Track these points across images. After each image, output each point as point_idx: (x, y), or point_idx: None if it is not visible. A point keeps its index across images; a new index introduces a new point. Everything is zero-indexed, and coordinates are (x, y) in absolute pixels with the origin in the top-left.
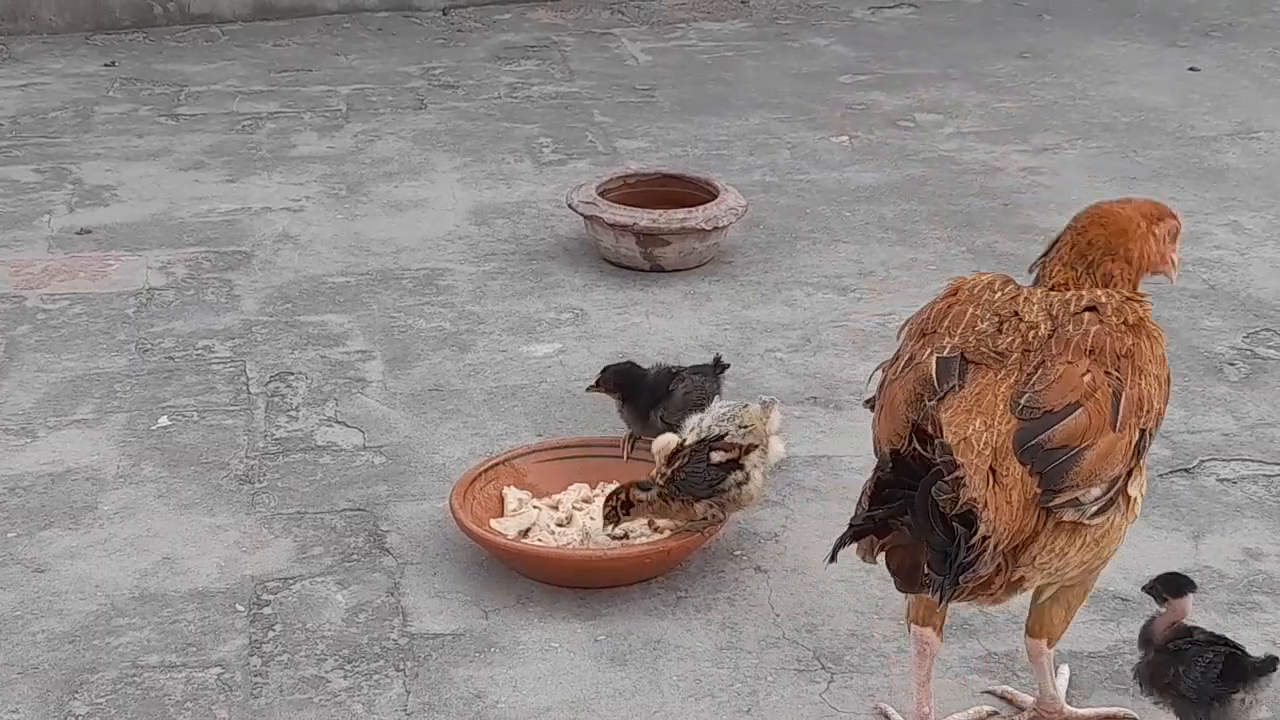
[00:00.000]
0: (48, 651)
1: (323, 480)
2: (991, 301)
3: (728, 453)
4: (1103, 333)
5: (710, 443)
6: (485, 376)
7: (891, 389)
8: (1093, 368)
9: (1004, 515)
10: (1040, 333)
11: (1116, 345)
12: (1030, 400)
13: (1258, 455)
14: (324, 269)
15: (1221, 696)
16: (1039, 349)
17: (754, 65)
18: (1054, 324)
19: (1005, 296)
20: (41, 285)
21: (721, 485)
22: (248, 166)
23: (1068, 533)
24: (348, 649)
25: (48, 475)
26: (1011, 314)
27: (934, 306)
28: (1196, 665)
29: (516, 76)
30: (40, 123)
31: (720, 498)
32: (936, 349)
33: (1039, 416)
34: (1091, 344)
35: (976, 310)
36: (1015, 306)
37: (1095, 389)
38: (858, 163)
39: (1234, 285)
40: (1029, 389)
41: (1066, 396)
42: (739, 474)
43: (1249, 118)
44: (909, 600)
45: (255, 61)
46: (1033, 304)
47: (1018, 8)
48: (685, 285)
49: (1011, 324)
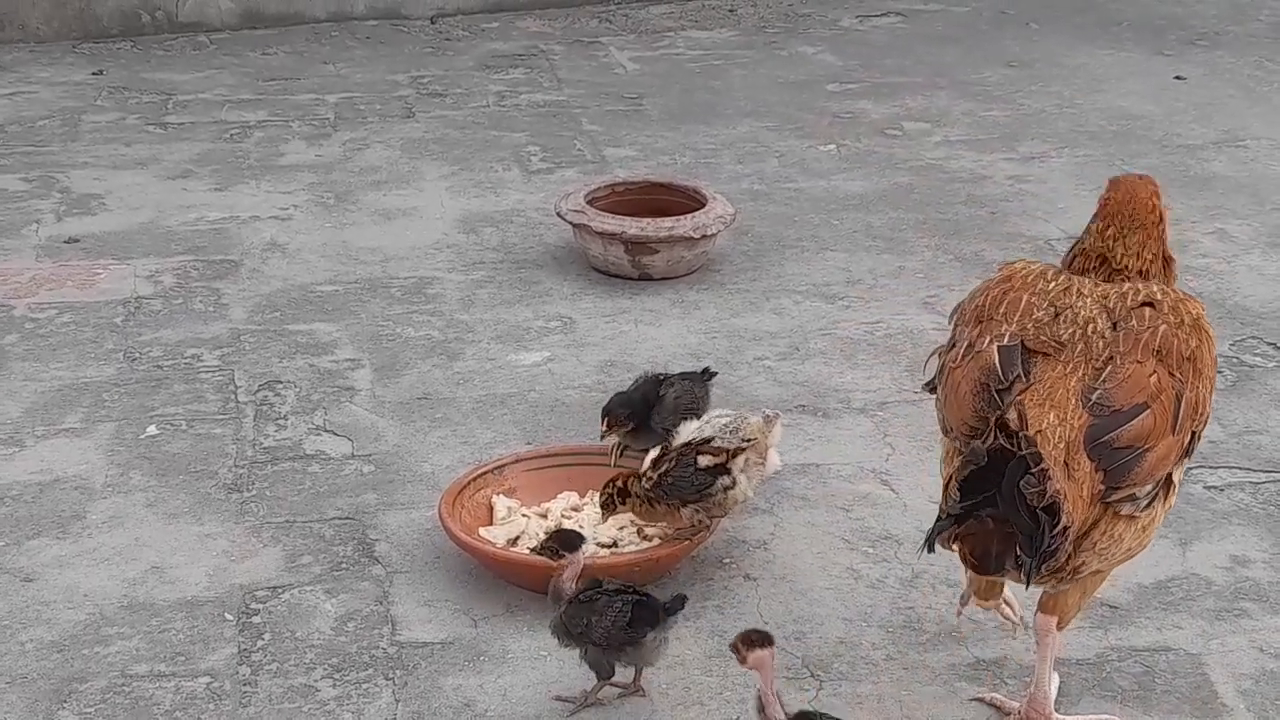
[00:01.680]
0: (36, 661)
1: (311, 489)
2: (1046, 290)
3: (715, 457)
4: (1170, 333)
5: (697, 446)
6: (474, 385)
7: (954, 376)
8: (1158, 369)
9: (1078, 507)
10: (1099, 327)
11: (1182, 347)
12: (1101, 398)
13: (1245, 463)
14: (312, 277)
15: (634, 640)
16: (1107, 344)
17: (742, 74)
18: (1112, 318)
19: (1059, 286)
20: (29, 294)
21: (709, 490)
22: (236, 175)
23: (1124, 522)
24: (337, 658)
25: (36, 484)
26: (1067, 306)
27: (988, 292)
28: (608, 614)
29: (505, 85)
30: (28, 131)
31: (707, 502)
32: (995, 336)
33: (1108, 414)
34: (1160, 344)
35: (1032, 298)
36: (1069, 299)
37: (1160, 391)
38: (846, 171)
39: (1220, 293)
40: (1100, 385)
41: (1135, 396)
42: (726, 479)
43: (1235, 126)
44: (968, 582)
45: (243, 70)
46: (1086, 296)
47: (1005, 17)
48: (673, 293)
49: (1068, 315)
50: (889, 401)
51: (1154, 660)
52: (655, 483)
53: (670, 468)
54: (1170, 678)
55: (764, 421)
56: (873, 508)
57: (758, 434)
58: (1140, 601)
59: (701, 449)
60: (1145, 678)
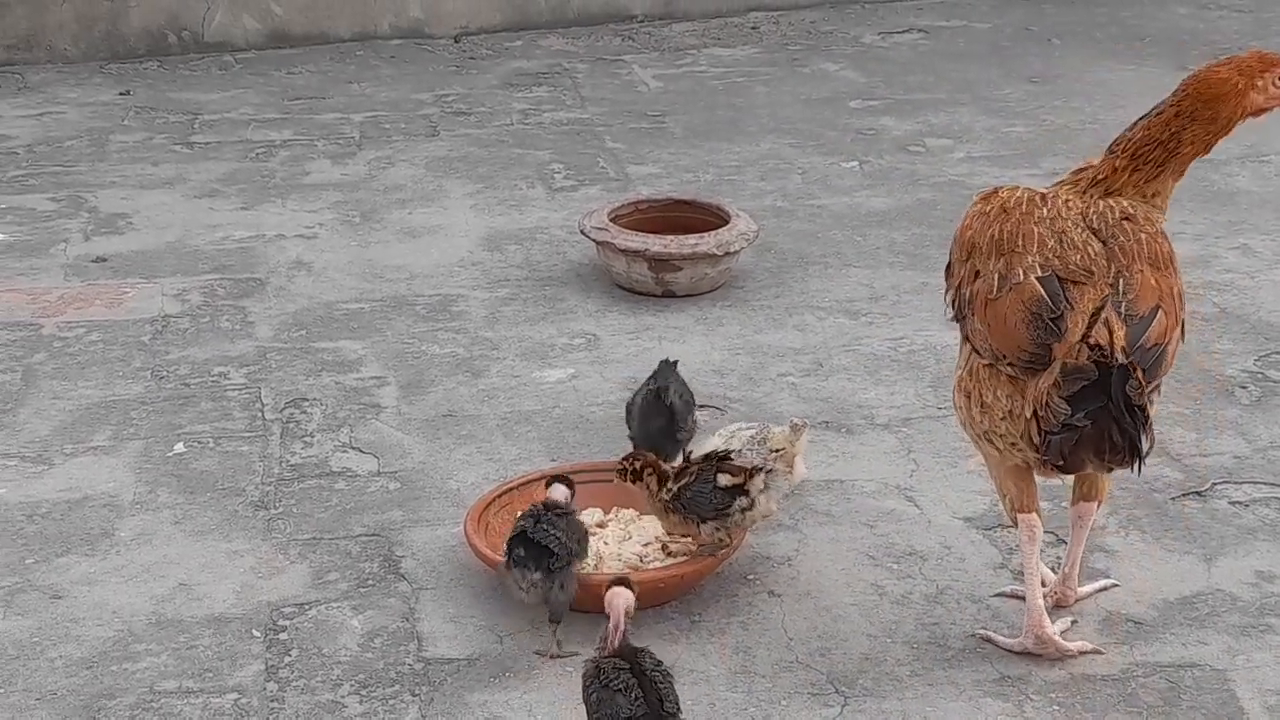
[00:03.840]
0: (65, 678)
1: (338, 506)
2: (1044, 218)
3: (734, 477)
4: (1150, 240)
5: (718, 461)
6: (499, 402)
7: (998, 307)
8: (1154, 273)
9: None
10: (1095, 248)
11: (1160, 250)
12: (1127, 309)
13: (1270, 478)
14: (338, 295)
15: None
16: (1110, 261)
17: (764, 91)
18: (1099, 236)
19: (1049, 213)
20: (58, 313)
21: (726, 509)
22: (262, 194)
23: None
24: (363, 674)
25: (65, 502)
26: (1061, 230)
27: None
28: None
29: (528, 103)
30: (56, 151)
31: (725, 521)
32: (1028, 269)
33: (1135, 322)
34: (1148, 252)
35: (1040, 230)
36: (1063, 225)
37: (1163, 293)
38: (868, 187)
39: (1244, 309)
40: (1124, 299)
41: (1149, 301)
42: (744, 500)
43: (1259, 141)
44: (1009, 496)
45: (269, 89)
46: (1069, 220)
47: (1027, 33)
48: (697, 310)
49: (1068, 241)
50: (913, 417)
51: (1179, 676)
52: (675, 495)
53: (690, 482)
54: (1196, 694)
55: (791, 430)
56: (897, 523)
57: (784, 444)
58: (1165, 617)
59: (722, 466)
60: (1171, 694)
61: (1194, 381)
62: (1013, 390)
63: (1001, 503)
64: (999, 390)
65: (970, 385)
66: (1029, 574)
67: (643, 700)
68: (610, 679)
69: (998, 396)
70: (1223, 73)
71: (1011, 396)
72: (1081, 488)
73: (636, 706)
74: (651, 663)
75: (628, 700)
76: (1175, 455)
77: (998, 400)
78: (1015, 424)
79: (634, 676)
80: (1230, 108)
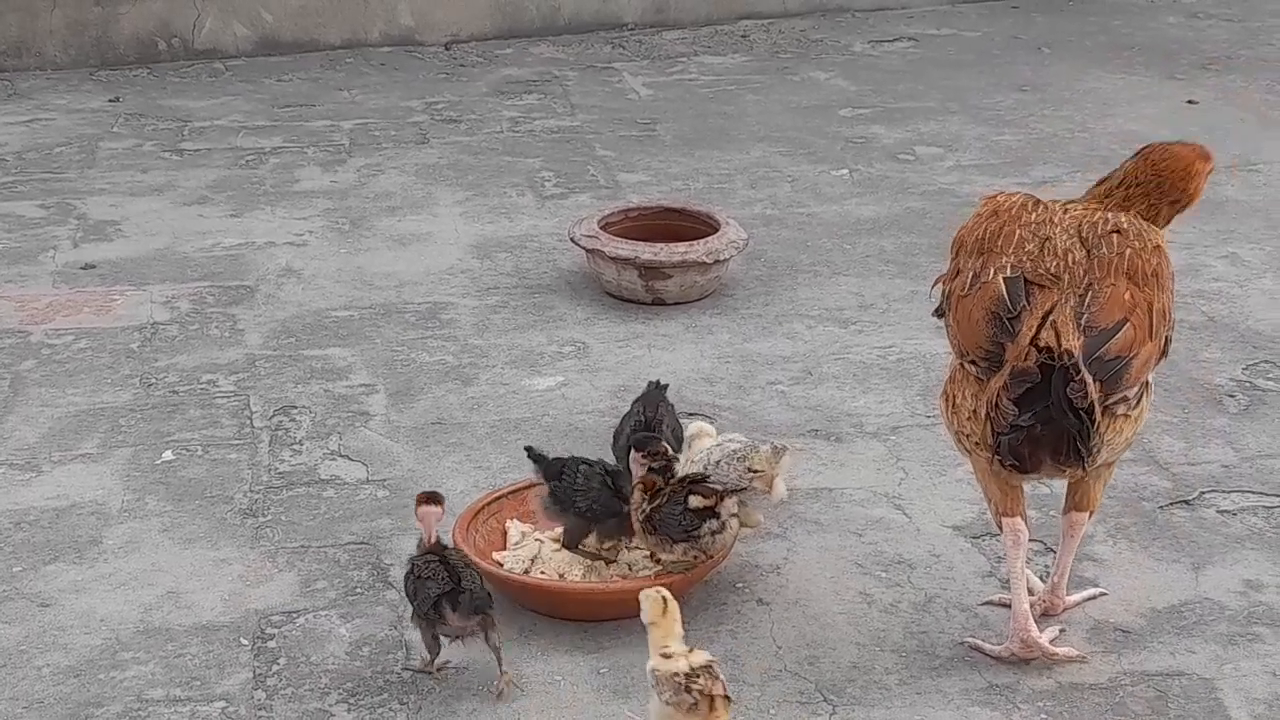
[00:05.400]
0: (53, 686)
1: (326, 514)
2: (1030, 223)
3: (705, 499)
4: (1134, 255)
5: (690, 484)
6: (488, 409)
7: (965, 304)
8: (1130, 287)
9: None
10: (1076, 256)
11: (1145, 266)
12: (1088, 320)
13: (1258, 487)
14: (327, 303)
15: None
16: (1085, 271)
17: (755, 99)
18: (1085, 245)
19: (1040, 218)
20: (46, 320)
21: (696, 532)
22: (251, 201)
23: (1120, 420)
24: (352, 682)
25: (52, 510)
26: (1047, 237)
27: (982, 226)
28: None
29: (518, 111)
30: (45, 158)
31: (695, 544)
32: (999, 269)
33: (1095, 334)
34: (1128, 266)
35: (1021, 231)
36: (1049, 230)
37: (1135, 306)
38: (858, 196)
39: (1233, 317)
40: (1086, 310)
41: (1114, 315)
42: (714, 523)
43: (1247, 150)
44: (994, 500)
45: (258, 97)
46: (1061, 226)
47: (1017, 41)
48: (687, 318)
49: (1049, 247)
50: (902, 426)
51: (1167, 685)
52: (647, 516)
53: (662, 503)
54: (1184, 703)
55: (772, 451)
56: (886, 532)
57: (764, 465)
58: (1153, 626)
59: (694, 489)
60: (1159, 702)
61: (1182, 390)
62: (977, 390)
63: (988, 508)
64: (966, 390)
65: (949, 388)
66: (1014, 578)
67: (448, 579)
68: (422, 570)
69: (965, 397)
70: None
71: (976, 396)
72: (1073, 497)
73: (444, 585)
74: (456, 555)
75: (437, 583)
76: (1163, 464)
77: (964, 401)
78: (978, 424)
79: (442, 565)
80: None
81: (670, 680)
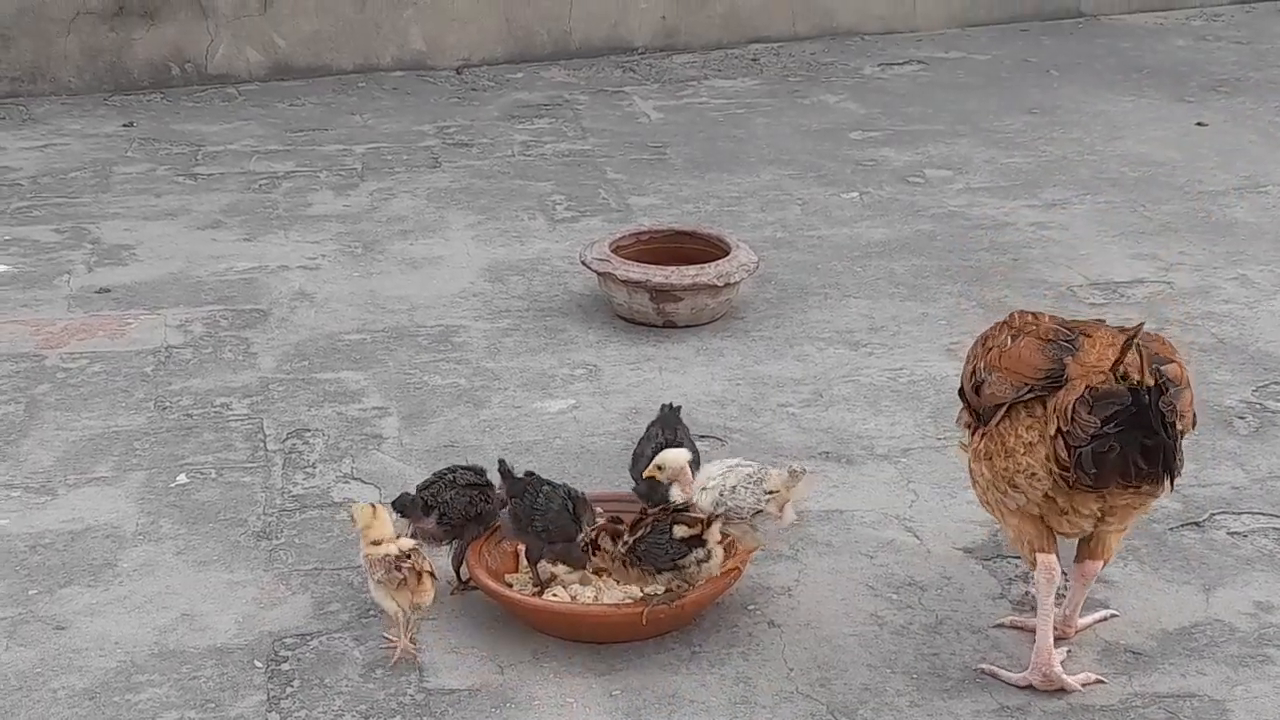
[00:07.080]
0: (68, 709)
1: (340, 536)
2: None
3: (690, 528)
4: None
5: (674, 514)
6: (500, 432)
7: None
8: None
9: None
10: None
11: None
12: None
13: (1268, 509)
14: (340, 326)
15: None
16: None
17: (765, 122)
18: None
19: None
20: (61, 344)
21: (681, 561)
22: (264, 225)
23: None
24: (365, 704)
25: (68, 533)
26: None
27: (983, 355)
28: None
29: (530, 134)
30: (60, 183)
31: (681, 574)
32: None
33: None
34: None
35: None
36: (1045, 330)
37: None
38: (868, 218)
39: (1243, 339)
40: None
41: (1166, 351)
42: (700, 551)
43: (1256, 172)
44: (1028, 539)
45: (271, 121)
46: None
47: (1026, 64)
48: (697, 341)
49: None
50: (912, 448)
51: (1178, 706)
52: (630, 548)
53: (646, 533)
54: None
55: (790, 475)
56: (896, 554)
57: (780, 487)
58: (1164, 648)
59: (678, 518)
60: None
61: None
62: (1031, 422)
63: (1020, 550)
64: (1019, 426)
65: (987, 446)
66: (1043, 614)
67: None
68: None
69: (1019, 434)
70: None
71: (1031, 428)
72: (1089, 545)
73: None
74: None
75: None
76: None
77: (1019, 437)
78: (1034, 456)
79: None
80: None
81: (382, 561)
